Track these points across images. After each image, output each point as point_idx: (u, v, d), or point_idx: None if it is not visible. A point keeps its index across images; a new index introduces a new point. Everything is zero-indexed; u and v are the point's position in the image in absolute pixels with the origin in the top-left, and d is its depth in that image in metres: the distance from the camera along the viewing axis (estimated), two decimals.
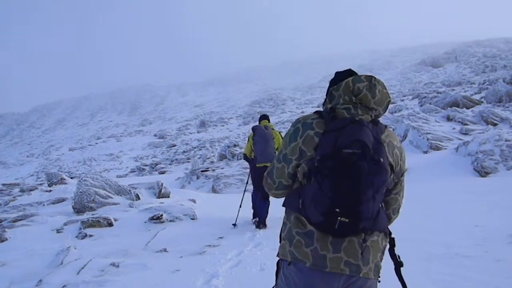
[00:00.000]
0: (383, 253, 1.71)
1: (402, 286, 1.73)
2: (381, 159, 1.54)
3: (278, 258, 1.75)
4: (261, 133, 6.29)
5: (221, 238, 5.56)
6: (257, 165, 6.28)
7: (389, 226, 1.81)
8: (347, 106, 1.70)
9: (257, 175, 6.33)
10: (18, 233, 6.03)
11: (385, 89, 1.74)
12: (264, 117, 6.73)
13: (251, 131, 6.58)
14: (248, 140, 6.56)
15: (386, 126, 1.73)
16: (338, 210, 1.49)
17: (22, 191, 10.76)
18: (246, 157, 6.69)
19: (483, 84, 29.13)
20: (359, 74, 1.78)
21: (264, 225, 6.25)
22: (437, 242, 4.58)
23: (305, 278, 1.61)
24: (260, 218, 6.30)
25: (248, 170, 7.99)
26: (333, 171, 1.50)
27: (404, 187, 1.82)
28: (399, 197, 1.81)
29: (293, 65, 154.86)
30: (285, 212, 1.78)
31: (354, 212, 1.50)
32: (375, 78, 1.72)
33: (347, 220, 1.50)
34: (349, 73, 1.85)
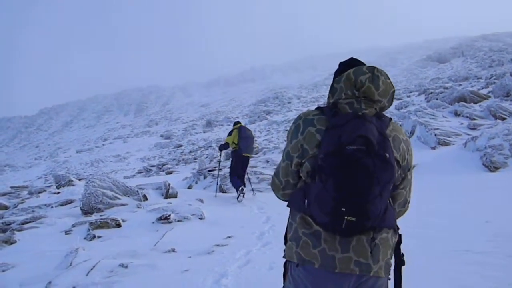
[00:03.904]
0: (393, 250, 1.66)
1: (396, 285, 1.68)
2: (387, 155, 1.49)
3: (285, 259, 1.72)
4: (247, 133, 8.77)
5: (229, 237, 5.55)
6: (243, 154, 8.68)
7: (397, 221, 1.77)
8: (350, 100, 1.64)
9: (240, 162, 8.80)
10: (27, 235, 6.06)
11: (388, 79, 1.68)
12: (238, 122, 9.10)
13: (234, 127, 8.81)
14: (232, 134, 8.73)
15: (390, 119, 1.67)
16: (344, 209, 1.44)
17: (30, 193, 10.82)
18: (226, 146, 8.84)
19: (490, 78, 28.80)
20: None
21: (243, 186, 8.60)
22: (447, 238, 4.53)
23: (315, 280, 1.57)
24: (238, 187, 8.51)
25: (219, 158, 10.87)
26: (337, 169, 1.45)
27: (411, 182, 1.76)
28: (405, 192, 1.74)
29: (298, 63, 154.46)
30: (290, 212, 1.74)
31: (362, 211, 1.45)
32: (377, 68, 1.66)
33: (354, 219, 1.44)
34: (352, 62, 1.79)
